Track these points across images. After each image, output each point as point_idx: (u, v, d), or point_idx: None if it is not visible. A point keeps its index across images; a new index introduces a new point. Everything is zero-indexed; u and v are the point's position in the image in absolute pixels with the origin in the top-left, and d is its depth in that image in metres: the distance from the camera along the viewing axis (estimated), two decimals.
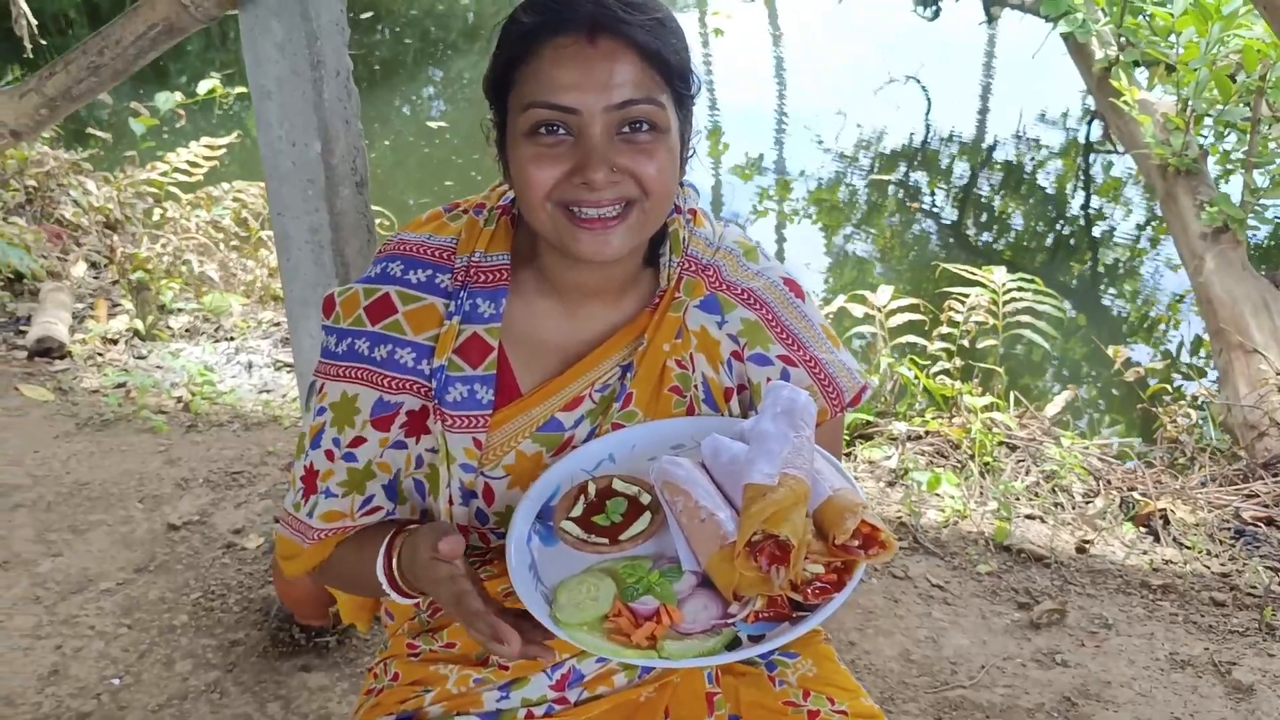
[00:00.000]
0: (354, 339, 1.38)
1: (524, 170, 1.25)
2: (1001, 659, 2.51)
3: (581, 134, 1.23)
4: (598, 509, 1.30)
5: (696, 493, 1.24)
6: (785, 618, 1.18)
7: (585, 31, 1.22)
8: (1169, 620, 2.65)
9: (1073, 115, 9.15)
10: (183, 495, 3.08)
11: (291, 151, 2.29)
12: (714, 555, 1.19)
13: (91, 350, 4.03)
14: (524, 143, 1.25)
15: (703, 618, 1.19)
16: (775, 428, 1.23)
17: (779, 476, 1.17)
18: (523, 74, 1.25)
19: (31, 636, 2.52)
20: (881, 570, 2.82)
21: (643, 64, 1.23)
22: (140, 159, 5.57)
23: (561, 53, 1.22)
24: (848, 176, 8.00)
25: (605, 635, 1.18)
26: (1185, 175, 4.16)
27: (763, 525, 1.13)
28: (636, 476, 1.33)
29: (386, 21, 12.49)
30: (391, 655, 1.53)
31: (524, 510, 1.31)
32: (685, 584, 1.22)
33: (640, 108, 1.23)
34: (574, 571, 1.24)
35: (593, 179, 1.22)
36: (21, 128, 2.44)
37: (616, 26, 1.22)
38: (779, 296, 1.44)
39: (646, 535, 1.28)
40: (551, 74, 1.22)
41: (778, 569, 1.14)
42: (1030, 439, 3.50)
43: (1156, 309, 5.95)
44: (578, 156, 1.23)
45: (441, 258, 1.40)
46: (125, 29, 2.26)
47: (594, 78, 1.21)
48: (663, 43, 1.25)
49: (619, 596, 1.20)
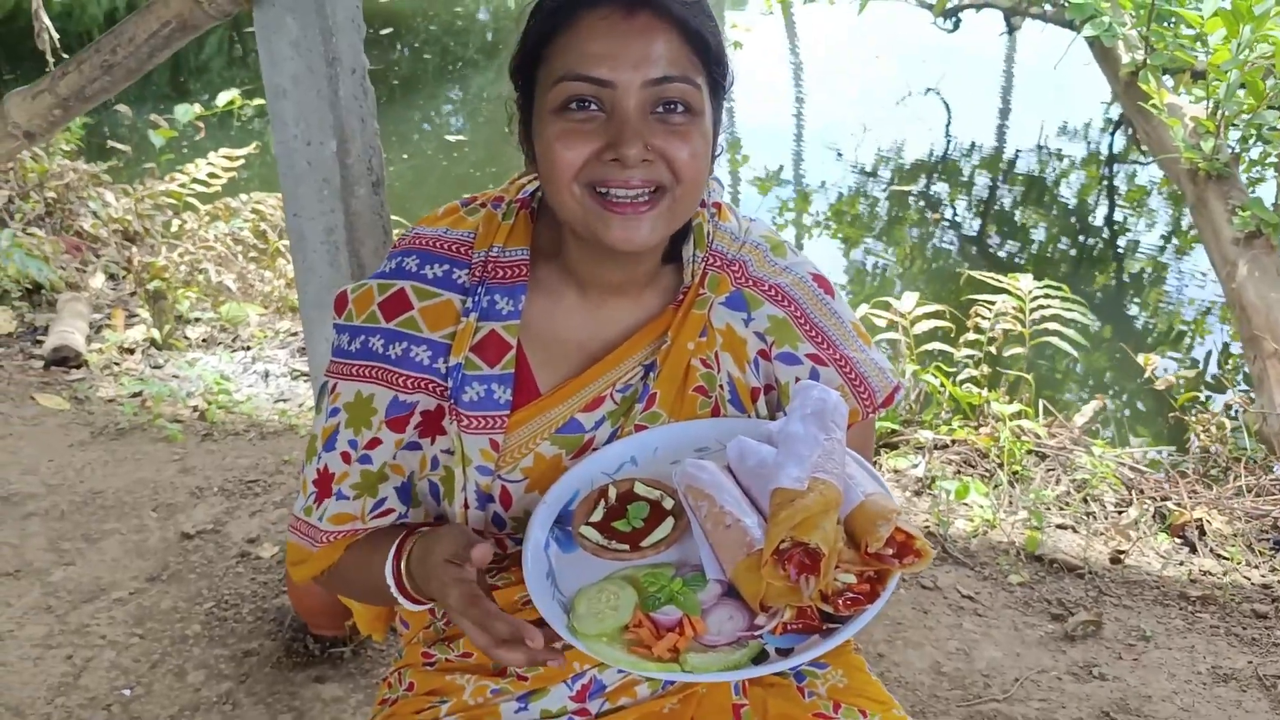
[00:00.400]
0: (368, 336, 1.33)
1: (551, 148, 1.20)
2: (1036, 672, 2.43)
3: (615, 109, 1.18)
4: (618, 514, 1.25)
5: (722, 498, 1.19)
6: (815, 629, 1.12)
7: (623, 4, 1.17)
8: (1210, 632, 2.56)
9: (1095, 126, 9.09)
10: (197, 504, 3.04)
11: (307, 150, 2.26)
12: (740, 563, 1.13)
13: (108, 360, 4.00)
14: (553, 120, 1.20)
15: (728, 629, 1.14)
16: (805, 430, 1.17)
17: (809, 481, 1.11)
18: (554, 49, 1.20)
19: (42, 646, 2.48)
20: (910, 581, 2.75)
21: (681, 41, 1.19)
22: (159, 171, 5.57)
23: (597, 25, 1.17)
24: (868, 189, 7.94)
25: (625, 647, 1.12)
26: (1216, 180, 4.07)
27: (791, 532, 1.08)
28: (659, 480, 1.28)
29: (406, 38, 12.55)
30: (406, 665, 1.48)
31: (541, 515, 1.26)
32: (710, 593, 1.16)
33: (677, 85, 1.18)
34: (593, 579, 1.19)
35: (626, 154, 1.16)
36: (35, 128, 2.41)
37: (655, 1, 1.17)
38: (808, 293, 1.39)
39: (669, 542, 1.22)
40: (586, 46, 1.17)
41: (807, 578, 1.08)
42: (1060, 447, 3.42)
43: (1183, 320, 5.88)
44: (610, 133, 1.18)
45: (458, 252, 1.35)
46: (138, 26, 2.23)
47: (631, 50, 1.16)
48: (702, 20, 1.21)
49: (640, 606, 1.14)
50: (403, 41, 12.30)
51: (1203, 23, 3.93)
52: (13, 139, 2.45)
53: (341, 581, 1.41)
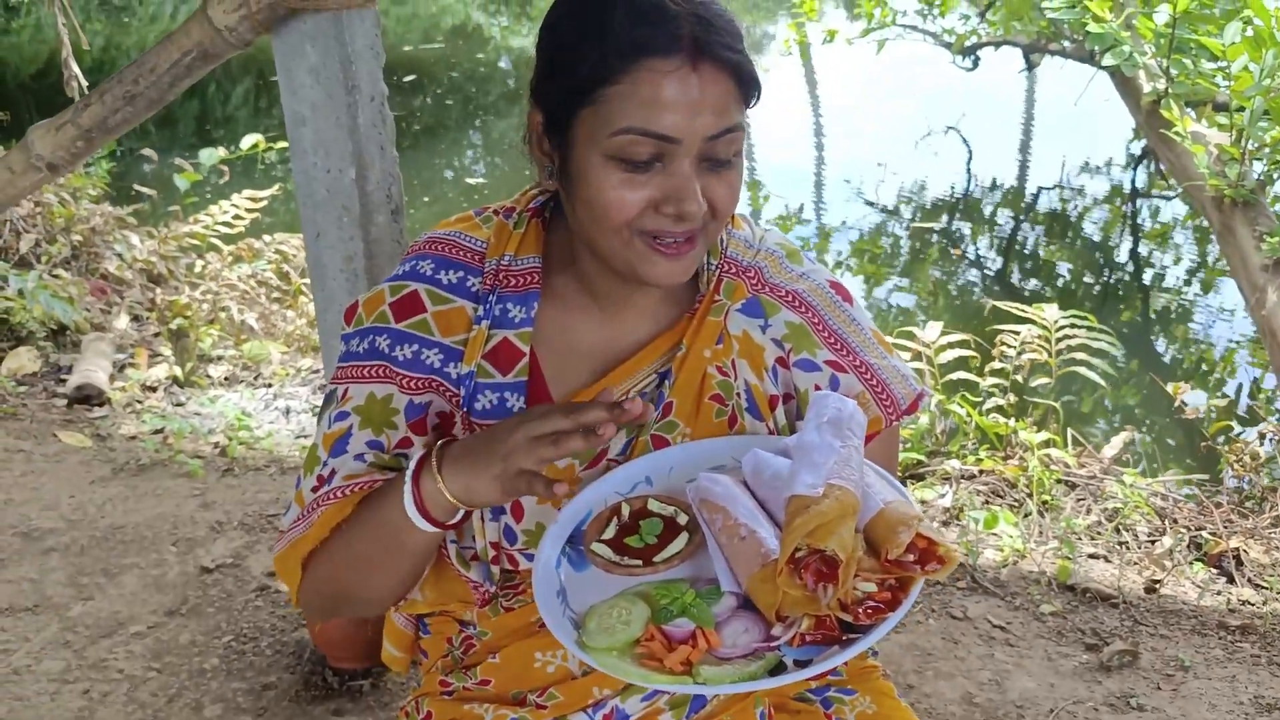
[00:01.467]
0: (374, 336, 1.30)
1: (604, 194, 1.16)
2: (1072, 703, 2.36)
3: (674, 162, 1.15)
4: (631, 530, 1.22)
5: (736, 509, 1.16)
6: (835, 640, 1.08)
7: (689, 53, 1.12)
8: (1251, 662, 2.49)
9: (1117, 162, 9.06)
10: (216, 538, 3.02)
11: (326, 178, 2.25)
12: (755, 574, 1.10)
13: (130, 397, 4.01)
14: (608, 166, 1.16)
15: (743, 641, 1.10)
16: (820, 438, 1.14)
17: (824, 487, 1.07)
18: (614, 93, 1.14)
19: (59, 680, 2.45)
20: (940, 611, 2.69)
21: (736, 89, 1.16)
22: (183, 214, 5.62)
23: (666, 78, 1.12)
24: (890, 227, 7.93)
25: (636, 660, 1.08)
26: (1243, 207, 4.02)
27: (807, 539, 1.04)
28: (673, 496, 1.25)
29: (429, 86, 12.70)
30: (424, 693, 1.44)
31: (553, 534, 1.23)
32: (724, 606, 1.13)
33: (731, 135, 1.17)
34: (605, 596, 1.16)
35: (688, 211, 1.15)
36: (58, 160, 2.42)
37: (717, 51, 1.14)
38: (825, 299, 1.36)
39: (683, 557, 1.19)
40: (654, 98, 1.12)
41: (825, 587, 1.05)
42: (1090, 477, 3.36)
43: (1213, 355, 5.81)
44: (666, 188, 1.16)
45: (473, 259, 1.33)
46: (160, 56, 2.24)
47: (697, 106, 1.13)
48: (749, 62, 1.18)
49: (651, 620, 1.11)
50: (426, 90, 12.45)
51: (1224, 50, 3.91)
52: (36, 171, 2.46)
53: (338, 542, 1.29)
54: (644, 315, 1.34)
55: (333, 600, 1.35)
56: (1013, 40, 7.92)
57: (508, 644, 1.36)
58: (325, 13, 2.12)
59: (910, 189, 8.62)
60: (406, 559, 1.27)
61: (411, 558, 1.27)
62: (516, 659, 1.36)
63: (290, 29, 2.15)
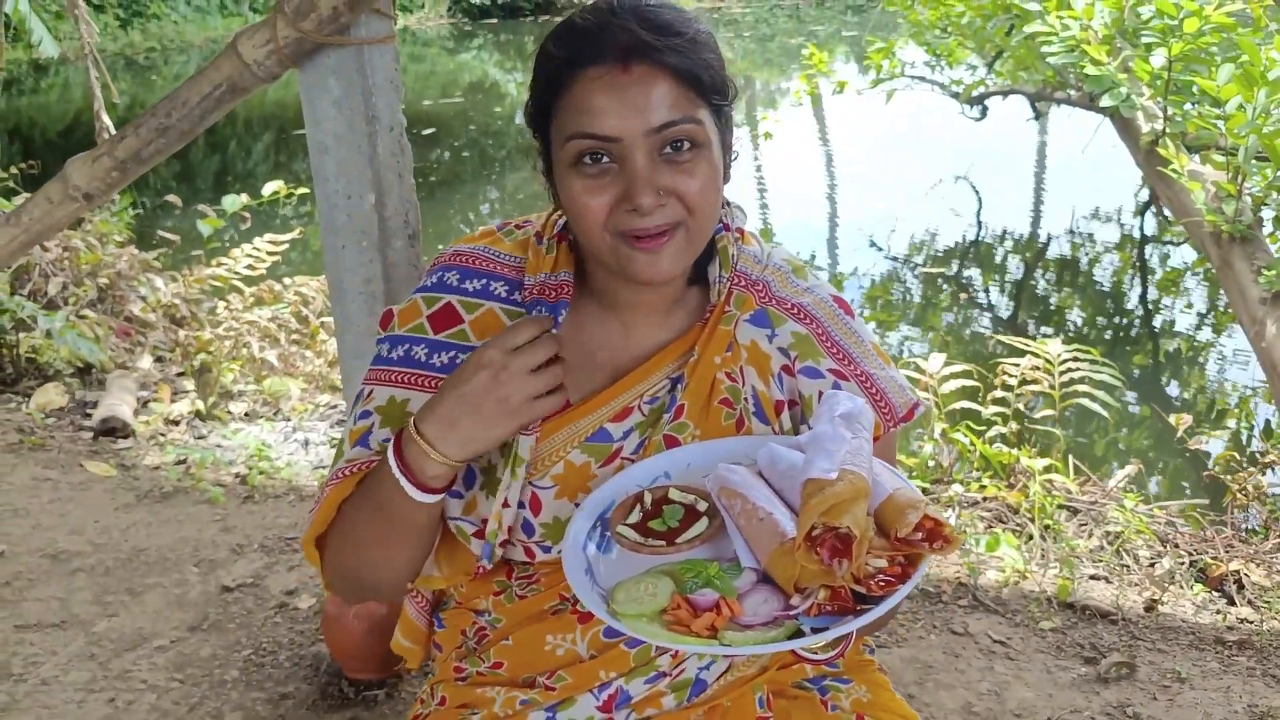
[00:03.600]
0: (411, 345, 1.39)
1: (575, 201, 1.27)
2: (1069, 712, 2.41)
3: (624, 160, 1.25)
4: (654, 515, 1.30)
5: (754, 495, 1.23)
6: (849, 611, 1.15)
7: (618, 60, 1.23)
8: (1246, 674, 2.54)
9: (1127, 210, 9.16)
10: (237, 560, 3.10)
11: (347, 204, 2.37)
12: (773, 552, 1.17)
13: (154, 430, 4.12)
14: (570, 174, 1.27)
15: (764, 610, 1.17)
16: (833, 429, 1.22)
17: (838, 471, 1.15)
18: (560, 105, 1.27)
19: (85, 690, 2.53)
20: (941, 627, 2.75)
21: (678, 84, 1.25)
22: (206, 258, 5.77)
23: (596, 83, 1.23)
24: (900, 274, 8.03)
25: (665, 626, 1.16)
26: (1240, 242, 4.11)
27: (822, 518, 1.11)
28: (692, 486, 1.33)
29: (446, 140, 12.94)
30: (439, 680, 1.51)
31: (579, 521, 1.30)
32: (745, 580, 1.20)
33: (679, 128, 1.25)
34: (631, 574, 1.23)
35: (641, 204, 1.24)
36: (94, 190, 2.55)
37: (649, 53, 1.23)
38: (829, 312, 1.45)
39: (704, 539, 1.26)
40: (588, 104, 1.24)
41: (840, 561, 1.12)
42: (1092, 503, 3.42)
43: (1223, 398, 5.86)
44: (623, 183, 1.25)
45: (497, 268, 1.43)
46: (191, 90, 2.37)
47: (631, 104, 1.23)
48: (696, 60, 1.26)
49: (677, 592, 1.19)
50: (443, 143, 12.69)
51: (1218, 90, 4.02)
52: (73, 201, 2.58)
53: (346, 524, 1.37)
54: (657, 325, 1.43)
55: (354, 581, 1.43)
56: (1019, 89, 8.05)
57: (520, 630, 1.43)
58: (348, 47, 2.24)
59: (921, 237, 8.74)
60: (409, 533, 1.33)
61: (413, 531, 1.33)
62: (528, 642, 1.42)
63: (315, 63, 2.28)
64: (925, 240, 8.68)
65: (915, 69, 8.57)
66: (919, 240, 8.67)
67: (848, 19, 25.39)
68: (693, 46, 1.27)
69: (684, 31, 1.26)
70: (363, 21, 2.24)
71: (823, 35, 22.15)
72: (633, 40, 1.23)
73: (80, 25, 5.87)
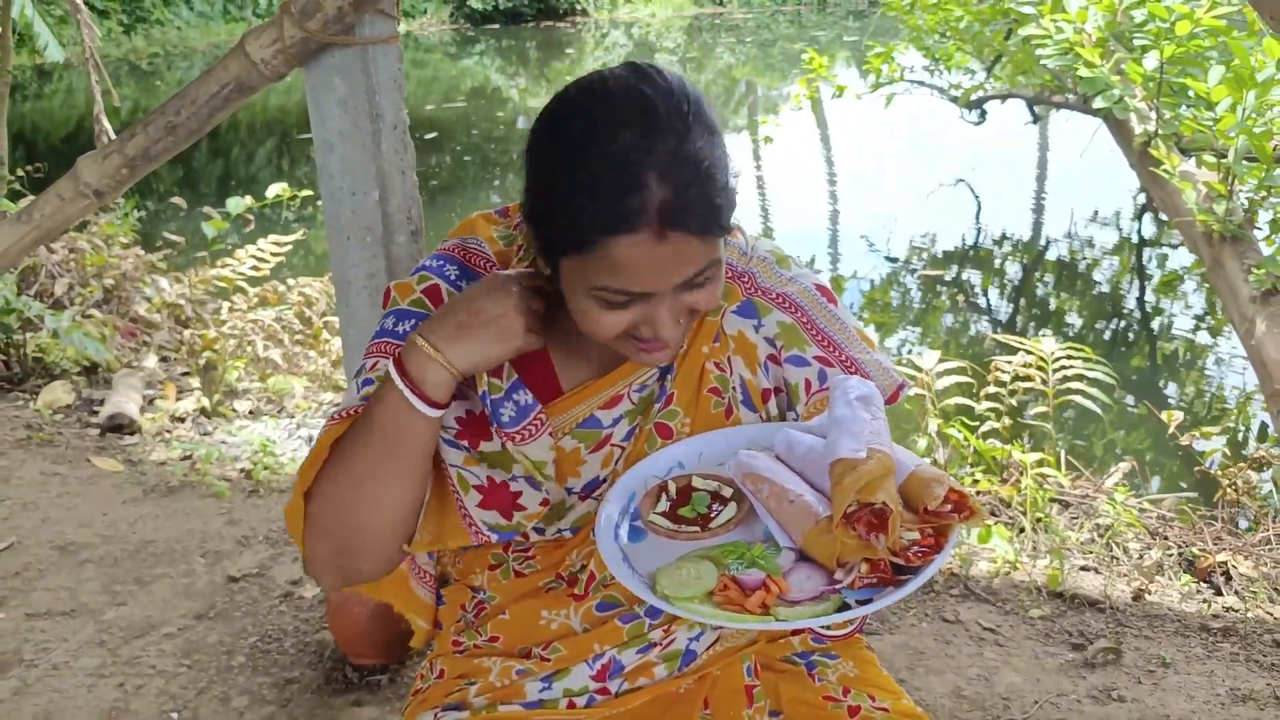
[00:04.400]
0: (418, 320, 1.39)
1: (589, 319, 1.27)
2: (1056, 695, 2.47)
3: (650, 304, 1.25)
4: (683, 504, 1.34)
5: (781, 478, 1.27)
6: (890, 581, 1.19)
7: (655, 229, 1.18)
8: (1229, 659, 2.59)
9: (1126, 213, 9.21)
10: (243, 551, 3.16)
11: (351, 200, 2.42)
12: (809, 532, 1.21)
13: (160, 427, 4.18)
14: (589, 300, 1.25)
15: (809, 587, 1.21)
16: (853, 412, 1.26)
17: (866, 450, 1.19)
18: (584, 254, 1.22)
19: (95, 676, 2.59)
20: (933, 615, 2.80)
21: (708, 240, 1.24)
22: (210, 260, 5.83)
23: (632, 249, 1.19)
24: (900, 277, 8.09)
25: (716, 607, 1.20)
26: (1231, 241, 4.17)
27: (858, 495, 1.15)
28: (714, 474, 1.37)
29: (448, 145, 13.00)
30: (438, 654, 1.56)
31: (608, 510, 1.34)
32: (785, 559, 1.24)
33: (705, 273, 1.26)
34: (668, 561, 1.27)
35: (666, 338, 1.27)
36: (104, 187, 2.61)
37: (685, 220, 1.18)
38: (812, 301, 1.49)
39: (737, 522, 1.31)
40: (621, 268, 1.20)
41: (877, 535, 1.16)
42: (1083, 496, 3.48)
43: (1217, 396, 5.90)
44: (645, 316, 1.25)
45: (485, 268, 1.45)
46: (200, 89, 2.43)
47: (666, 269, 1.22)
48: (724, 208, 1.23)
49: (723, 574, 1.23)
50: (446, 148, 12.76)
51: (1208, 92, 4.08)
52: (84, 198, 2.64)
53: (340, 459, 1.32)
54: None
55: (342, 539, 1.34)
56: (1017, 93, 8.10)
57: (516, 604, 1.49)
58: (352, 47, 2.31)
59: (921, 240, 8.80)
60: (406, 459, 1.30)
61: (410, 457, 1.30)
62: (524, 616, 1.47)
63: (320, 62, 2.34)
64: (925, 244, 8.74)
65: (915, 73, 8.62)
66: (918, 244, 8.74)
67: (849, 24, 25.48)
68: (722, 193, 1.23)
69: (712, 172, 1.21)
70: (367, 22, 2.30)
71: (824, 40, 22.24)
72: (672, 208, 1.18)
73: (82, 30, 5.93)
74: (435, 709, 1.48)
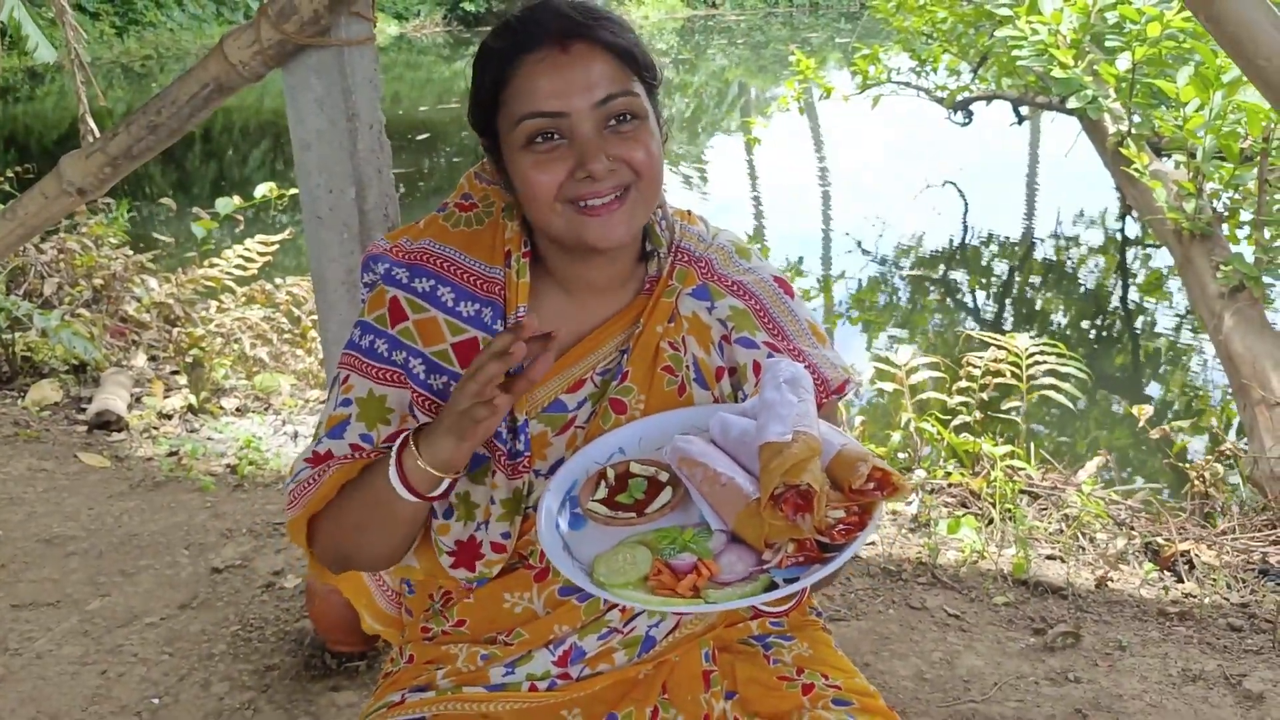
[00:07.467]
0: (375, 338, 1.46)
1: (528, 178, 1.36)
2: (1015, 677, 2.54)
3: (574, 134, 1.35)
4: (619, 490, 1.38)
5: (713, 462, 1.32)
6: (816, 560, 1.24)
7: (557, 42, 1.34)
8: (1183, 642, 2.67)
9: (1111, 213, 9.29)
10: (226, 543, 3.23)
11: (328, 198, 2.48)
12: (740, 514, 1.26)
13: (147, 424, 4.24)
14: (522, 155, 1.36)
15: (739, 568, 1.25)
16: (780, 395, 1.31)
17: (792, 434, 1.25)
18: (508, 94, 1.36)
19: (78, 664, 2.65)
20: (899, 602, 2.87)
21: (614, 60, 1.36)
22: (200, 259, 5.88)
23: (539, 65, 1.34)
24: (888, 278, 8.16)
25: (650, 591, 1.24)
26: (1200, 239, 4.26)
27: (783, 478, 1.21)
28: (652, 459, 1.42)
29: (440, 145, 13.06)
30: (408, 641, 1.62)
31: (547, 501, 1.38)
32: (717, 542, 1.29)
33: (621, 100, 1.36)
34: (606, 547, 1.31)
35: (594, 170, 1.34)
36: (87, 185, 2.67)
37: (584, 32, 1.34)
38: (768, 291, 1.54)
39: (672, 506, 1.35)
40: (533, 86, 1.34)
41: (803, 515, 1.21)
42: (1052, 488, 3.54)
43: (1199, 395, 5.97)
44: (575, 155, 1.35)
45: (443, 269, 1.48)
46: (180, 89, 2.49)
47: (574, 80, 1.34)
48: (626, 39, 1.38)
49: (657, 558, 1.28)
50: (438, 149, 12.82)
51: (1177, 92, 4.15)
52: (67, 196, 2.71)
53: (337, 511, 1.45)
54: (605, 298, 1.52)
55: (345, 560, 1.51)
56: (1002, 95, 8.18)
57: (480, 588, 1.55)
58: (328, 48, 2.37)
59: (908, 240, 8.87)
60: (397, 526, 1.42)
61: (400, 524, 1.42)
62: (488, 599, 1.53)
63: (298, 63, 2.40)
64: (912, 244, 8.81)
65: (902, 75, 8.69)
66: (906, 244, 8.81)
67: (841, 26, 25.58)
68: (621, 28, 1.39)
69: (611, 16, 1.39)
70: (342, 24, 2.36)
71: (817, 42, 22.33)
72: (567, 23, 1.34)
73: (66, 30, 5.97)
74: (403, 690, 1.53)
